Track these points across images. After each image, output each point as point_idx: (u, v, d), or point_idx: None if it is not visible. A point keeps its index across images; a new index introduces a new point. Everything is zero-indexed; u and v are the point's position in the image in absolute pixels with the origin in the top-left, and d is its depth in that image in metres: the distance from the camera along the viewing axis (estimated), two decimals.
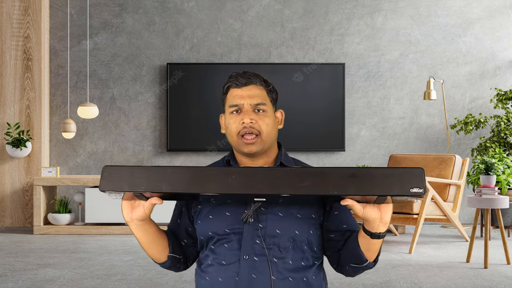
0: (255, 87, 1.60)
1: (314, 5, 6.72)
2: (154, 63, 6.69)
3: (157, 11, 6.71)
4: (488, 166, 4.42)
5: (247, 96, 1.58)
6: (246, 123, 1.56)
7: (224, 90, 1.63)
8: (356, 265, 1.54)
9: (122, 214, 1.47)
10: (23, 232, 6.00)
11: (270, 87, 1.63)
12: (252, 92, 1.59)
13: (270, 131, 1.58)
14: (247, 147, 1.56)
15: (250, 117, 1.56)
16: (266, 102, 1.59)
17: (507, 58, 6.67)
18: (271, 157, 1.63)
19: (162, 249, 1.60)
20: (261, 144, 1.57)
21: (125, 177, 1.34)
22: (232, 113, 1.59)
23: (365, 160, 6.67)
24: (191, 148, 6.61)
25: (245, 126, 1.56)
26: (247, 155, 1.59)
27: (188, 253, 1.67)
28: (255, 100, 1.58)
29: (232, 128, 1.58)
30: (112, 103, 6.70)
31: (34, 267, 4.23)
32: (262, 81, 1.61)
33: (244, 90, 1.59)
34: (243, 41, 6.70)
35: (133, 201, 1.45)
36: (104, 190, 1.35)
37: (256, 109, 1.58)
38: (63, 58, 6.67)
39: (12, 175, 6.38)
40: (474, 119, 6.26)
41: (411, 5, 6.71)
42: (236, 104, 1.58)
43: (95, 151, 6.69)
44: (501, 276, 3.98)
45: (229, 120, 1.60)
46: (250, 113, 1.57)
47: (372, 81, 6.71)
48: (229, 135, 1.60)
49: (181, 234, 1.66)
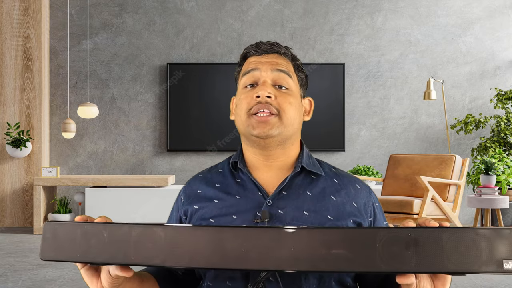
0: (280, 57, 1.21)
1: (314, 5, 6.72)
2: (154, 63, 6.69)
3: (157, 11, 6.71)
4: (488, 166, 4.42)
5: (267, 62, 1.19)
6: (262, 96, 1.15)
7: (239, 62, 1.25)
8: None
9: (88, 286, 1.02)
10: (23, 232, 6.00)
11: (298, 63, 1.24)
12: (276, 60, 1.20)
13: (294, 115, 1.17)
14: (258, 128, 1.14)
15: (268, 90, 1.15)
16: (292, 75, 1.20)
17: (507, 58, 6.67)
18: (291, 157, 1.22)
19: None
20: (278, 127, 1.15)
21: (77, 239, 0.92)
22: (246, 88, 1.19)
23: (365, 160, 6.67)
24: (191, 148, 6.61)
25: (259, 101, 1.15)
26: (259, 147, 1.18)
27: None
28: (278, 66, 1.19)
29: (243, 104, 1.17)
30: (112, 103, 6.70)
31: (34, 267, 4.23)
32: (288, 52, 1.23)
33: (265, 57, 1.20)
34: (243, 41, 6.69)
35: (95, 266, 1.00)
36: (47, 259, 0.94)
37: (278, 84, 1.18)
38: (63, 58, 6.67)
39: (12, 175, 6.37)
40: (474, 119, 6.26)
41: (411, 5, 6.71)
42: (252, 69, 1.19)
43: (95, 151, 6.69)
44: (501, 276, 3.98)
45: (240, 96, 1.19)
46: (268, 85, 1.17)
47: (372, 81, 6.71)
48: (237, 116, 1.19)
49: None
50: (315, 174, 1.22)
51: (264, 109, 1.14)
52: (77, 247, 0.92)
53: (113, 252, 0.91)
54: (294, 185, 1.19)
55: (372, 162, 6.67)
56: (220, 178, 1.23)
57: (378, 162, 6.67)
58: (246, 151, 1.22)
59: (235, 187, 1.20)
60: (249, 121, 1.15)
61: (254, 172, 1.21)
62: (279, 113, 1.15)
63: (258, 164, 1.21)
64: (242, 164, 1.21)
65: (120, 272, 0.95)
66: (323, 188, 1.20)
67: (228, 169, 1.24)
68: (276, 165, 1.20)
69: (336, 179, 1.23)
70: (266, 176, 1.21)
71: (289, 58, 1.23)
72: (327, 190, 1.20)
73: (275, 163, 1.20)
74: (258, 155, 1.20)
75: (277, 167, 1.20)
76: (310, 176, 1.21)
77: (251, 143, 1.19)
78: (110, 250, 0.91)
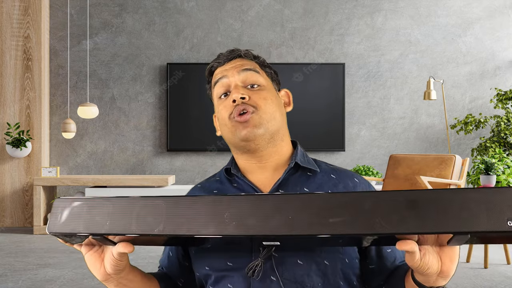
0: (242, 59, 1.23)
1: (314, 5, 6.71)
2: (154, 63, 6.69)
3: (157, 11, 6.71)
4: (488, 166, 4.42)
5: (232, 67, 1.21)
6: (237, 99, 1.15)
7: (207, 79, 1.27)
8: None
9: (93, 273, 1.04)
10: (23, 232, 6.00)
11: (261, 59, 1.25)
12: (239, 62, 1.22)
13: (272, 108, 1.17)
14: (244, 128, 1.14)
15: (241, 92, 1.16)
16: (259, 72, 1.21)
17: (507, 58, 6.67)
18: (284, 155, 1.21)
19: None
20: (260, 122, 1.14)
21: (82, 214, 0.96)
22: (220, 99, 1.20)
23: (365, 160, 6.67)
24: (191, 148, 6.61)
25: (236, 104, 1.15)
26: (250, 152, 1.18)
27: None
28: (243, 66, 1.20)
29: (223, 114, 1.18)
30: (112, 103, 6.70)
31: (34, 267, 4.23)
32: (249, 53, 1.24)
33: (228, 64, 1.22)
34: (243, 41, 6.69)
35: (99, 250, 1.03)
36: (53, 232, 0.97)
37: (249, 84, 1.19)
38: (63, 58, 6.66)
39: (12, 175, 6.37)
40: (474, 119, 6.26)
41: (411, 5, 6.71)
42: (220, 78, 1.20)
43: (95, 151, 6.69)
44: (501, 276, 3.98)
45: (218, 107, 1.20)
46: (239, 88, 1.18)
47: (372, 81, 6.71)
48: (222, 126, 1.19)
49: (174, 271, 1.24)
50: (311, 171, 1.21)
51: (242, 110, 1.15)
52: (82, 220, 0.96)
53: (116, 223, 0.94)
54: (291, 183, 1.18)
55: (372, 162, 6.67)
56: (218, 185, 1.24)
57: (378, 162, 6.67)
58: (238, 159, 1.22)
59: (232, 190, 1.21)
60: (233, 125, 1.16)
61: (249, 176, 1.21)
62: (256, 109, 1.15)
63: (252, 168, 1.20)
64: (236, 169, 1.21)
65: (122, 248, 0.96)
66: (320, 184, 1.18)
67: (224, 177, 1.24)
68: (270, 166, 1.20)
69: (333, 174, 1.21)
70: (261, 178, 1.20)
71: (251, 58, 1.23)
72: (324, 185, 1.18)
73: (269, 164, 1.19)
74: (251, 160, 1.20)
75: (271, 167, 1.20)
76: (306, 173, 1.20)
77: (242, 149, 1.18)
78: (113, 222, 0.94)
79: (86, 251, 1.02)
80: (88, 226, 0.95)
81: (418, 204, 0.84)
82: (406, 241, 0.86)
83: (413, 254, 0.88)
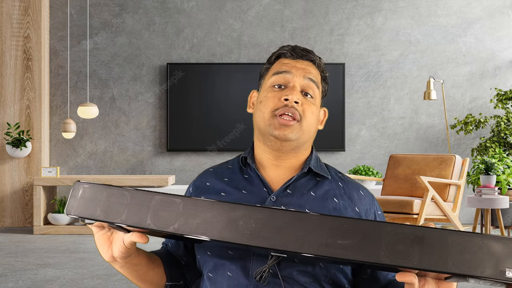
0: (312, 65, 1.25)
1: (314, 5, 6.71)
2: (154, 63, 6.69)
3: (157, 11, 6.71)
4: (488, 166, 4.42)
5: (301, 68, 1.22)
6: (291, 100, 1.17)
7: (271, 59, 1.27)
8: None
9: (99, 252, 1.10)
10: (23, 232, 6.00)
11: (326, 75, 1.30)
12: (308, 68, 1.24)
13: (313, 123, 1.22)
14: (280, 129, 1.17)
15: (297, 95, 1.19)
16: (319, 86, 1.25)
17: (507, 58, 6.67)
18: (300, 160, 1.25)
19: (158, 279, 1.23)
20: (298, 132, 1.18)
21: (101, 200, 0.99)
22: (274, 87, 1.21)
23: (365, 160, 6.67)
24: (191, 148, 6.61)
25: (286, 104, 1.17)
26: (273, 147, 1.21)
27: (189, 276, 1.29)
28: (310, 74, 1.22)
29: (269, 103, 1.19)
30: (112, 103, 6.70)
31: (34, 267, 4.23)
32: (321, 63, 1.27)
33: (299, 62, 1.23)
34: (243, 41, 6.69)
35: (108, 232, 1.08)
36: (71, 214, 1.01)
37: (305, 92, 1.22)
38: (63, 58, 6.67)
39: (12, 175, 6.37)
40: (474, 119, 6.26)
41: (411, 5, 6.71)
42: (285, 71, 1.21)
43: (95, 151, 6.69)
44: None
45: (267, 93, 1.21)
46: (297, 91, 1.20)
47: (372, 81, 6.71)
48: (260, 112, 1.21)
49: (179, 250, 1.29)
50: (320, 177, 1.25)
51: (289, 113, 1.17)
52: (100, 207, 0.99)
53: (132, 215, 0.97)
54: (299, 185, 1.22)
55: (372, 162, 6.67)
56: (229, 174, 1.27)
57: (378, 162, 6.67)
58: (257, 148, 1.25)
59: (242, 182, 1.24)
60: (272, 121, 1.18)
61: (262, 170, 1.25)
62: (301, 119, 1.19)
63: (267, 163, 1.24)
64: (251, 160, 1.25)
65: (137, 239, 1.00)
66: (327, 190, 1.22)
67: (237, 166, 1.27)
68: (284, 166, 1.24)
69: (341, 183, 1.25)
70: (273, 174, 1.24)
71: (320, 69, 1.27)
72: (330, 192, 1.22)
73: (284, 163, 1.23)
74: (269, 154, 1.23)
75: (285, 167, 1.24)
76: (315, 178, 1.24)
77: (267, 141, 1.21)
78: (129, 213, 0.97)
79: (96, 231, 1.08)
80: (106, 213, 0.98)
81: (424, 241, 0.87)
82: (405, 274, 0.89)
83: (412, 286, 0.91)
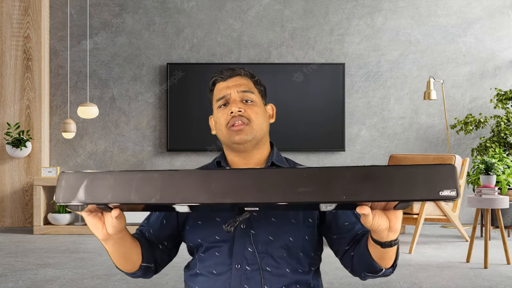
0: (241, 77, 1.53)
1: (314, 5, 6.71)
2: (154, 63, 6.69)
3: (157, 11, 6.71)
4: (488, 166, 4.42)
5: (233, 85, 1.51)
6: (235, 112, 1.47)
7: (210, 88, 1.57)
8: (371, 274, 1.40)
9: (93, 233, 1.26)
10: (23, 232, 6.00)
11: (256, 79, 1.56)
12: (238, 82, 1.52)
13: (261, 121, 1.50)
14: (237, 135, 1.46)
15: (238, 106, 1.48)
16: (253, 91, 1.52)
17: (507, 58, 6.67)
18: (264, 155, 1.53)
19: (136, 259, 1.44)
20: (251, 132, 1.46)
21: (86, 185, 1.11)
22: (220, 108, 1.51)
23: (365, 160, 6.67)
24: (191, 148, 6.61)
25: (233, 116, 1.47)
26: (238, 151, 1.49)
27: (161, 260, 1.52)
28: (241, 87, 1.51)
29: (221, 121, 1.49)
30: (112, 103, 6.70)
31: (34, 267, 4.23)
32: (247, 72, 1.55)
33: (230, 81, 1.52)
34: (243, 41, 6.69)
35: (99, 213, 1.25)
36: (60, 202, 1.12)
37: (244, 100, 1.50)
38: (63, 58, 6.67)
39: (12, 175, 6.37)
40: (474, 119, 6.26)
41: (411, 5, 6.71)
42: (223, 96, 1.50)
43: (95, 151, 6.69)
44: (501, 276, 3.98)
45: (217, 114, 1.51)
46: (237, 102, 1.49)
47: (372, 81, 6.71)
48: (219, 130, 1.51)
49: (161, 236, 1.51)
50: None
51: (237, 121, 1.46)
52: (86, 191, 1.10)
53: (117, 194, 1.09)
54: None
55: (372, 162, 6.67)
56: None
57: (378, 162, 6.67)
58: (228, 154, 1.54)
59: None
60: (229, 133, 1.47)
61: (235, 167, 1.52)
62: (249, 121, 1.47)
63: (239, 163, 1.52)
64: (225, 163, 1.53)
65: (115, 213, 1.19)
66: None
67: (215, 167, 1.54)
68: (252, 162, 1.52)
69: None
70: None
71: (249, 77, 1.54)
72: None
73: (251, 160, 1.52)
74: (238, 156, 1.51)
75: (253, 163, 1.52)
76: None
77: (232, 149, 1.51)
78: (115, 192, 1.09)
79: (87, 215, 1.23)
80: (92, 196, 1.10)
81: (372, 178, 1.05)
82: (362, 207, 1.13)
83: (367, 217, 1.15)
